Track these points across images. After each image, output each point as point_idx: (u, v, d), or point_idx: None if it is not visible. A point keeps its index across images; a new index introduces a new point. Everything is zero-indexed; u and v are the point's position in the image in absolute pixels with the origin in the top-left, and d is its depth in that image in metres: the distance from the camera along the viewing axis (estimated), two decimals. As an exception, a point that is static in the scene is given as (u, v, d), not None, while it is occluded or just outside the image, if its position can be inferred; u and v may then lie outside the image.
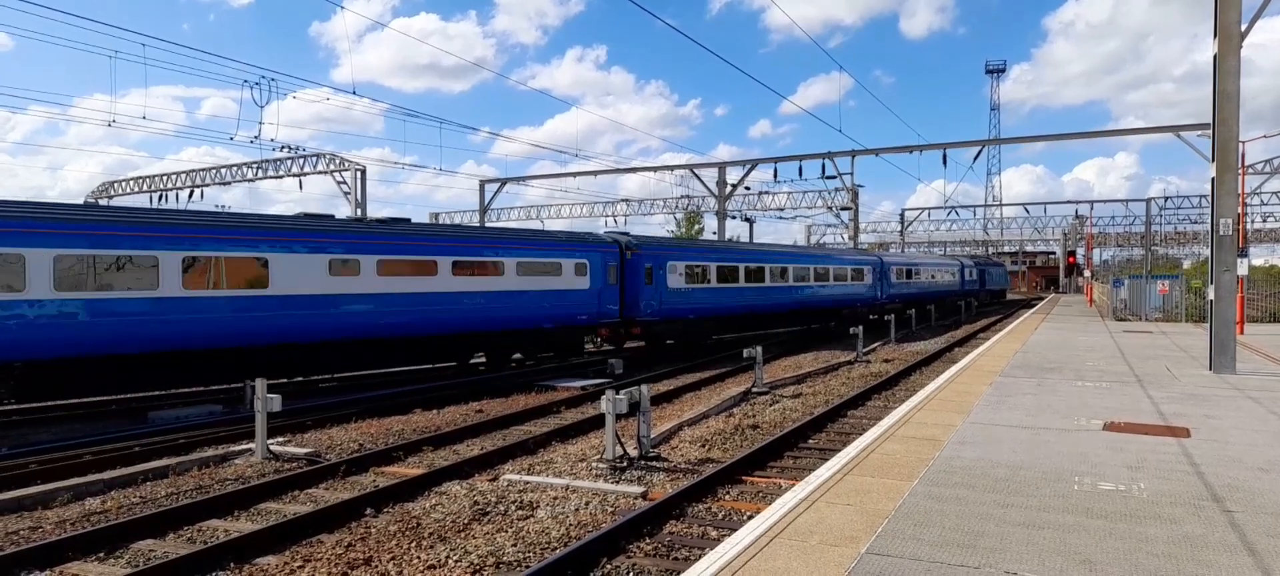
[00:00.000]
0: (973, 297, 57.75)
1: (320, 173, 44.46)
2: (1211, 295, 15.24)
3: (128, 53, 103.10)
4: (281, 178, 45.77)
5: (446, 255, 19.43)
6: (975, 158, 42.53)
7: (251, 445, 11.71)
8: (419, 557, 7.33)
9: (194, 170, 50.36)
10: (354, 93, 63.94)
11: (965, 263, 58.65)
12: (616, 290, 23.94)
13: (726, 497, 9.31)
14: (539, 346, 22.50)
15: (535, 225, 57.67)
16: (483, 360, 21.82)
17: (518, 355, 22.41)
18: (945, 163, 39.97)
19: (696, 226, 57.12)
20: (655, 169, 50.13)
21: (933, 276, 50.25)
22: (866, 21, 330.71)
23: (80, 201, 47.95)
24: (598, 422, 12.90)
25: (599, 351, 25.80)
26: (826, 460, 8.76)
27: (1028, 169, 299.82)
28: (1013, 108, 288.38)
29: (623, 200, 60.60)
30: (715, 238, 43.54)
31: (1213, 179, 15.05)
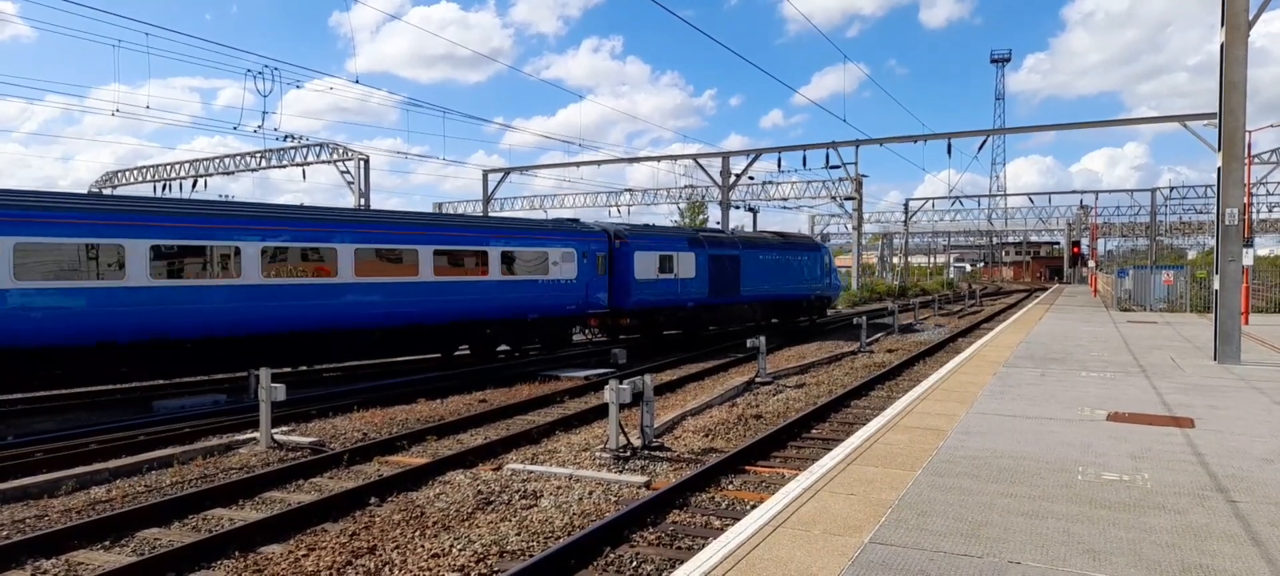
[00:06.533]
0: (699, 315, 27.24)
1: (324, 162, 44.50)
2: (1217, 285, 15.18)
3: (131, 43, 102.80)
4: (285, 167, 45.82)
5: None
6: (979, 148, 42.66)
7: (256, 434, 11.75)
8: (423, 546, 7.34)
9: (198, 159, 50.42)
10: (356, 81, 63.82)
11: (636, 240, 24.63)
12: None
13: (730, 487, 9.32)
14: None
15: (539, 214, 57.61)
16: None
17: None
18: (950, 153, 39.97)
19: (701, 217, 56.95)
20: (659, 158, 50.06)
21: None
22: (887, 10, 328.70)
23: (85, 191, 47.98)
24: (601, 412, 12.91)
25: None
26: (830, 450, 8.77)
27: (1036, 159, 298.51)
28: (1025, 98, 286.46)
29: (627, 190, 60.62)
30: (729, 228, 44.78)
31: (1219, 169, 14.98)
